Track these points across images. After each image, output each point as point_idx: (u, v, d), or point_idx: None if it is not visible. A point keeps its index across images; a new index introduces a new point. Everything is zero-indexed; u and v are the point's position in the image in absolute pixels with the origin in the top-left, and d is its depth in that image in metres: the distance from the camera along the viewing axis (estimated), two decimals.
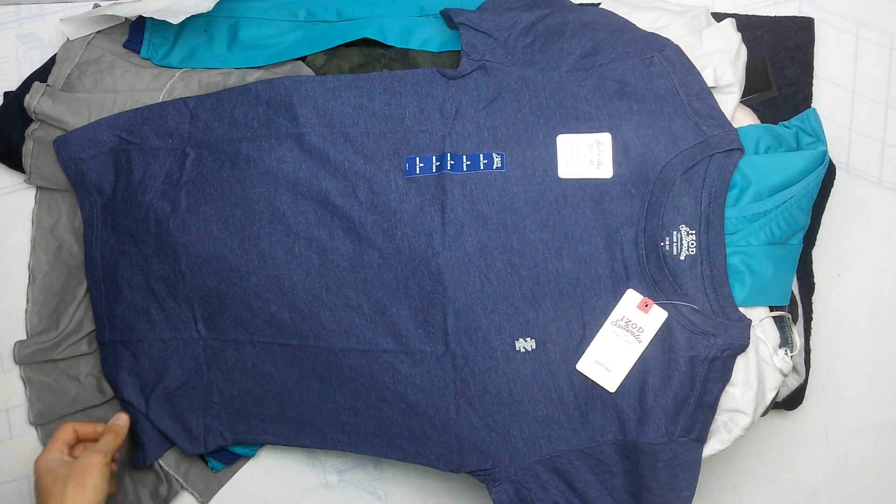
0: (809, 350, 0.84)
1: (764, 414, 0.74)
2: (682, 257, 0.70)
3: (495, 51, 0.77)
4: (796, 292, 0.78)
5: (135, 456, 0.82)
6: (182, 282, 0.79)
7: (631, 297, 0.71)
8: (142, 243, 0.80)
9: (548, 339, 0.72)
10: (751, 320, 0.70)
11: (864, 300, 0.88)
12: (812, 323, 0.85)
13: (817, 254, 0.84)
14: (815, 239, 0.82)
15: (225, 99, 0.80)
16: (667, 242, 0.71)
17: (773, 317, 0.73)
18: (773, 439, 0.88)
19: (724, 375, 0.70)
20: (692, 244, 0.70)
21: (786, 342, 0.74)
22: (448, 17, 0.80)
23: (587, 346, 0.71)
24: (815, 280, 0.85)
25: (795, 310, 0.77)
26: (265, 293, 0.77)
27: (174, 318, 0.80)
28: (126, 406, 0.82)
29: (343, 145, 0.76)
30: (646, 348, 0.70)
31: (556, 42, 0.76)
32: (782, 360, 0.73)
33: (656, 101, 0.72)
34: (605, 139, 0.72)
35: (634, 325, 0.70)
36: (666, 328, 0.70)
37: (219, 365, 0.80)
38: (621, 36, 0.75)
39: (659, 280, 0.71)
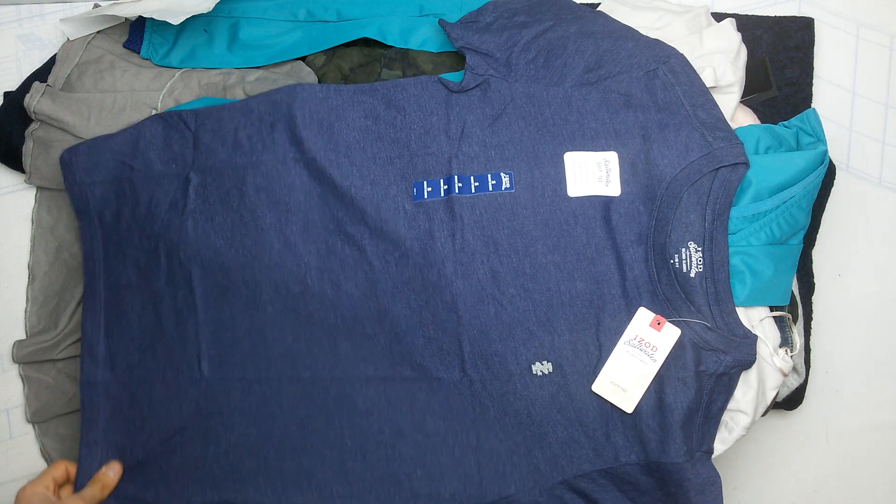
0: (809, 350, 0.84)
1: (764, 414, 0.74)
2: (692, 274, 0.70)
3: (498, 68, 0.76)
4: (796, 292, 0.78)
5: None
6: (194, 314, 0.77)
7: (643, 316, 0.70)
8: (151, 275, 0.78)
9: (564, 362, 0.71)
10: (757, 336, 0.70)
11: (864, 300, 0.88)
12: (812, 323, 0.85)
13: (817, 254, 0.84)
14: (815, 239, 0.82)
15: (226, 120, 0.78)
16: (676, 259, 0.70)
17: (774, 317, 0.73)
18: (773, 439, 0.88)
19: (729, 389, 0.71)
20: (700, 261, 0.70)
21: (786, 342, 0.74)
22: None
23: (601, 366, 0.71)
24: (815, 280, 0.85)
25: (795, 310, 0.77)
26: (282, 323, 0.76)
27: (177, 356, 0.77)
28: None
29: (349, 170, 0.75)
30: (664, 367, 0.70)
31: (558, 57, 0.75)
32: (783, 359, 0.73)
33: (662, 112, 0.72)
34: (612, 157, 0.72)
35: (648, 344, 0.70)
36: (679, 345, 0.70)
37: (220, 409, 0.76)
38: (624, 45, 0.74)
39: (671, 297, 0.70)
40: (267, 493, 0.75)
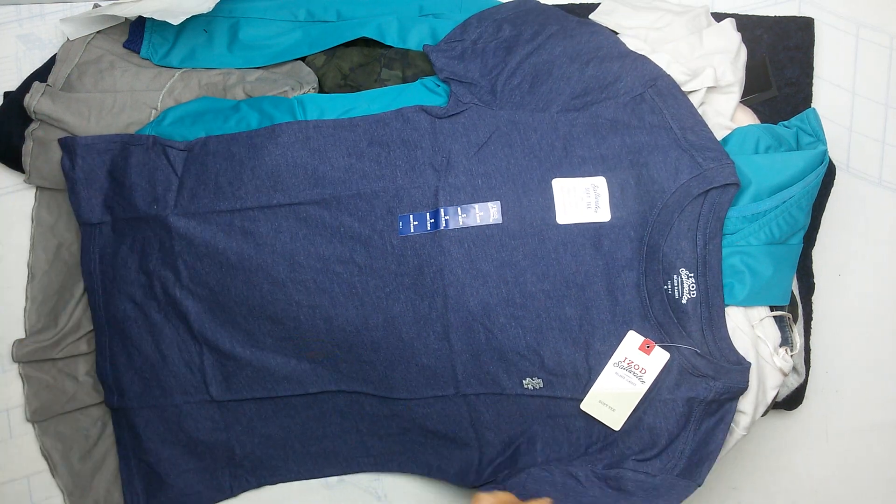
0: (809, 350, 0.84)
1: (764, 414, 0.74)
2: (684, 301, 0.70)
3: (483, 96, 0.76)
4: (796, 292, 0.78)
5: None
6: (196, 346, 0.79)
7: (632, 339, 0.71)
8: (149, 309, 0.80)
9: (554, 381, 0.72)
10: (750, 363, 0.70)
11: (864, 300, 0.88)
12: (812, 323, 0.85)
13: (817, 254, 0.84)
14: (815, 239, 0.82)
15: (209, 164, 0.78)
16: (669, 286, 0.70)
17: (774, 316, 0.73)
18: (773, 439, 0.88)
19: (723, 419, 0.70)
20: (692, 287, 0.70)
21: (786, 342, 0.74)
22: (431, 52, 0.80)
23: (591, 386, 0.72)
24: (815, 280, 0.85)
25: (795, 310, 0.77)
26: (283, 351, 0.78)
27: (185, 383, 0.80)
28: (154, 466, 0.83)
29: (337, 210, 0.75)
30: (649, 389, 0.70)
31: (544, 83, 0.75)
32: (783, 359, 0.73)
33: (650, 135, 0.72)
34: (601, 182, 0.72)
35: (637, 367, 0.70)
36: (668, 370, 0.70)
37: (237, 419, 0.81)
38: (610, 68, 0.74)
39: (664, 322, 0.71)
40: (301, 472, 0.83)
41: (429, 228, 0.73)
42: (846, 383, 0.88)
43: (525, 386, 0.72)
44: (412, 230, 0.73)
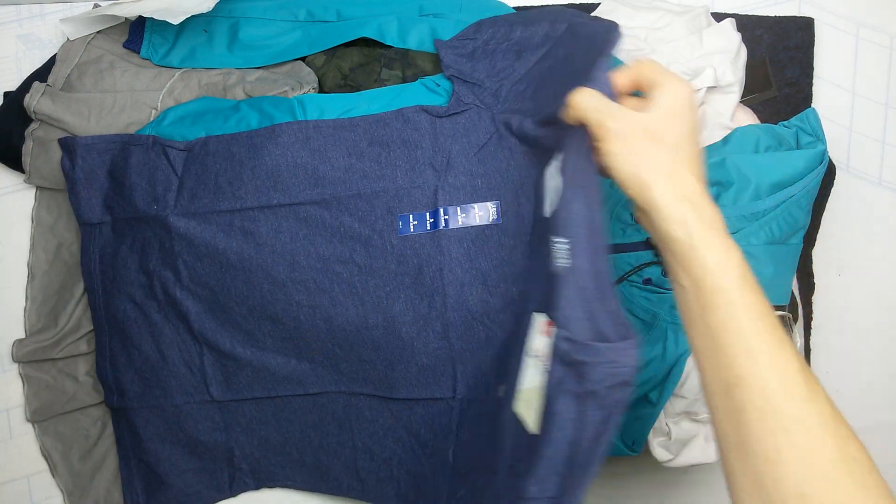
0: (809, 350, 0.84)
1: None
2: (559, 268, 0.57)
3: (485, 98, 0.76)
4: (796, 292, 0.78)
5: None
6: (196, 346, 0.79)
7: (539, 322, 0.60)
8: (149, 309, 0.80)
9: (508, 384, 0.66)
10: (634, 340, 0.53)
11: (864, 300, 0.88)
12: (812, 323, 0.85)
13: (817, 254, 0.84)
14: (815, 239, 0.82)
15: (209, 164, 0.78)
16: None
17: None
18: None
19: (609, 418, 0.55)
20: (565, 253, 0.57)
21: None
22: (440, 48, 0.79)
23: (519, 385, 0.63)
24: (815, 280, 0.85)
25: (795, 310, 0.77)
26: (283, 351, 0.78)
27: (185, 383, 0.81)
28: (154, 467, 0.83)
29: (337, 210, 0.75)
30: (550, 382, 0.57)
31: (546, 87, 0.74)
32: None
33: None
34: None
35: (539, 353, 0.59)
36: (555, 359, 0.57)
37: (237, 420, 0.81)
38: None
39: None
40: (296, 481, 0.83)
41: (428, 228, 0.73)
42: (846, 384, 0.88)
43: (498, 394, 0.69)
44: (412, 230, 0.73)
